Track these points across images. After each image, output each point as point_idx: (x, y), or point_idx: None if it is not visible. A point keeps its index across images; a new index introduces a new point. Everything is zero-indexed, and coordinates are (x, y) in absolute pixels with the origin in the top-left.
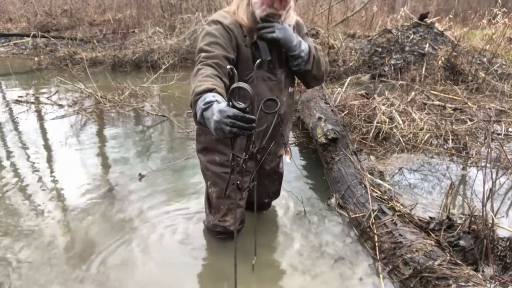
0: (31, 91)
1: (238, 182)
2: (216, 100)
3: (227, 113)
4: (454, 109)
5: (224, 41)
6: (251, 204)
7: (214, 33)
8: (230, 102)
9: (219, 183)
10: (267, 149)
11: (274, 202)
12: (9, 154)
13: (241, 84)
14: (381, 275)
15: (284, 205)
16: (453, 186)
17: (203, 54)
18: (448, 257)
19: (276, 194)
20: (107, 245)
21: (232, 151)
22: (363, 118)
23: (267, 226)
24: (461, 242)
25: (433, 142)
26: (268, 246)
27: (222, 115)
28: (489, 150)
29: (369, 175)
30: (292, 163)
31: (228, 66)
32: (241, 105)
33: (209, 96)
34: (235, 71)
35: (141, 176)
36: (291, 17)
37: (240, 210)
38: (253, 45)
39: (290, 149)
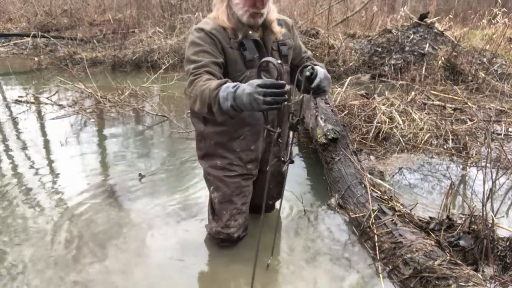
0: (31, 91)
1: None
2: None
3: (256, 82)
4: (454, 109)
5: (210, 47)
6: (255, 207)
7: (198, 41)
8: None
9: (221, 187)
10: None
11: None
12: (9, 154)
13: (270, 58)
14: (381, 275)
15: (284, 205)
16: (453, 186)
17: (192, 66)
18: (448, 257)
19: (279, 195)
20: (106, 246)
21: (264, 125)
22: (363, 118)
23: (267, 227)
24: (461, 242)
25: (433, 142)
26: (266, 246)
27: (253, 86)
28: (489, 150)
29: (369, 175)
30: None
31: (279, 61)
32: (270, 78)
33: (231, 84)
34: (277, 63)
35: (141, 176)
36: (272, 11)
37: (243, 216)
38: (240, 46)
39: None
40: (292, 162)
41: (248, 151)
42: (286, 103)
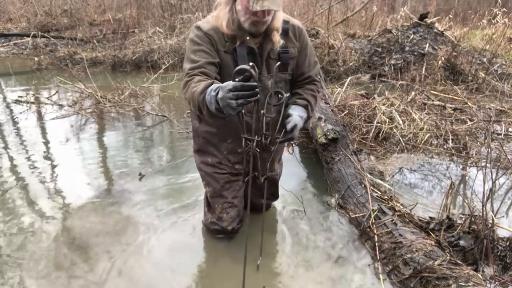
0: (31, 91)
1: (256, 173)
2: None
3: (227, 87)
4: (454, 109)
5: (208, 46)
6: (252, 205)
7: (196, 40)
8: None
9: (211, 182)
10: (278, 139)
11: (274, 202)
12: (9, 154)
13: (243, 66)
14: (381, 275)
15: (284, 205)
16: (453, 186)
17: (189, 66)
18: (448, 257)
19: (274, 195)
20: (106, 246)
21: (242, 134)
22: (363, 118)
23: (267, 226)
24: (461, 242)
25: (433, 142)
26: (267, 246)
27: (224, 91)
28: (489, 150)
29: (369, 175)
30: (294, 159)
31: (251, 63)
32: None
33: (214, 86)
34: (255, 69)
35: (141, 176)
36: (276, 19)
37: (236, 209)
38: (234, 51)
39: (292, 144)
40: (267, 179)
41: (235, 153)
42: (263, 111)
